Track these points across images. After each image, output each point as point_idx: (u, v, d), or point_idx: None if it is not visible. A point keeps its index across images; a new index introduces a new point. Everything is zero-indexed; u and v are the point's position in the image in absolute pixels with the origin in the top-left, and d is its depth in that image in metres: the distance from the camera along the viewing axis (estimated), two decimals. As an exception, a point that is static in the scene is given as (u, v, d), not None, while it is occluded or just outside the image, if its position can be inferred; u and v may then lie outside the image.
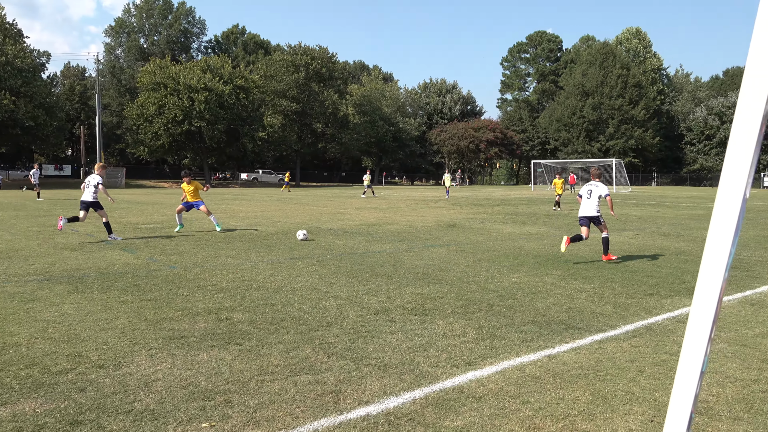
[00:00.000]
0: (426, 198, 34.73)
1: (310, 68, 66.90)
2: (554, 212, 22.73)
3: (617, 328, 5.88)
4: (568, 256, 10.68)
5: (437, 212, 22.13)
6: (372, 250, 11.36)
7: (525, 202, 31.29)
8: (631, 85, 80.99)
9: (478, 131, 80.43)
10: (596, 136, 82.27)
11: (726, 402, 4.04)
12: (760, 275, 9.07)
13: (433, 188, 61.57)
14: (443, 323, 5.94)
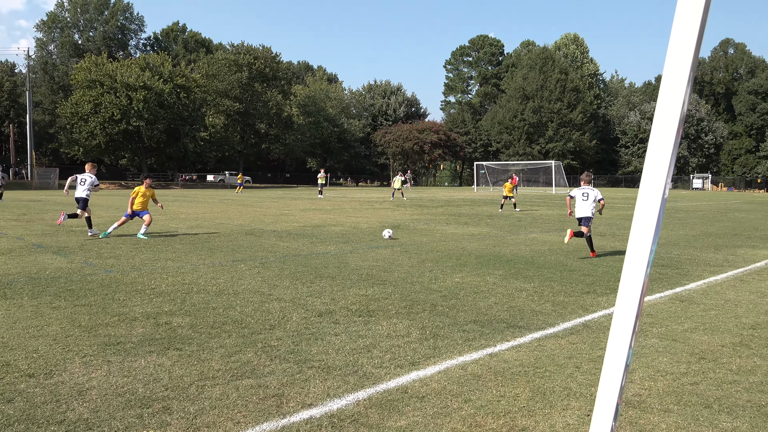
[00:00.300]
0: (371, 199, 34.81)
1: (254, 68, 66.02)
2: (499, 213, 23.31)
3: (556, 325, 6.04)
4: (509, 256, 10.91)
5: (382, 213, 22.20)
6: (316, 251, 11.30)
7: (468, 203, 31.77)
8: (570, 90, 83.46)
9: (423, 133, 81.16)
10: (536, 139, 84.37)
11: (657, 395, 4.21)
12: (689, 273, 9.50)
13: (378, 189, 61.78)
14: (387, 324, 5.97)
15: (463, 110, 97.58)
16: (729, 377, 4.59)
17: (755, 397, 4.20)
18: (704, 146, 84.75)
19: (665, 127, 0.98)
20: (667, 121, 0.97)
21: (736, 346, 5.42)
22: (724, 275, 9.36)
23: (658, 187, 1.03)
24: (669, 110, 0.97)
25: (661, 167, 1.00)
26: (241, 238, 13.27)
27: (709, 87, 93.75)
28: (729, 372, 4.71)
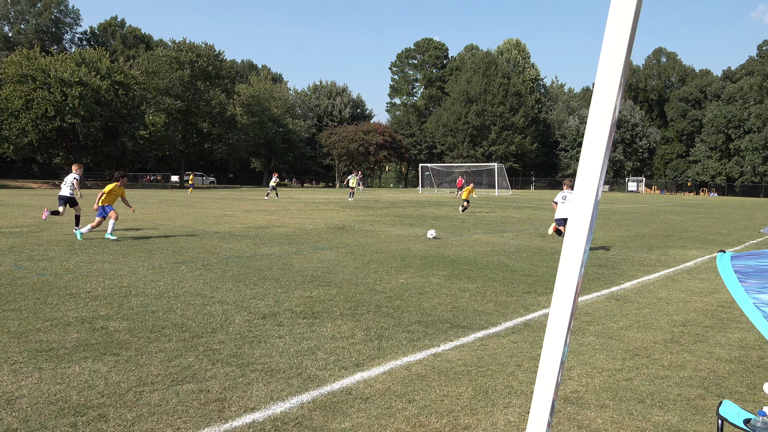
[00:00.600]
0: (316, 200, 34.62)
1: (196, 66, 64.61)
2: (462, 214, 23.69)
3: (498, 325, 6.16)
4: (453, 257, 11.05)
5: (327, 214, 22.12)
6: (260, 253, 11.15)
7: (413, 204, 32.02)
8: (512, 94, 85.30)
9: (368, 134, 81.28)
10: (480, 142, 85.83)
11: (594, 391, 4.35)
12: (624, 272, 9.85)
13: (323, 190, 61.48)
14: (332, 326, 5.94)
15: (409, 112, 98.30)
16: (661, 372, 4.78)
17: (685, 391, 4.39)
18: (639, 150, 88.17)
19: (598, 132, 1.01)
20: (599, 126, 1.01)
21: (668, 343, 5.66)
22: (657, 275, 9.75)
23: (591, 189, 1.06)
24: (601, 115, 1.00)
25: (594, 170, 1.04)
26: (182, 240, 12.97)
27: (644, 94, 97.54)
28: (661, 367, 4.91)
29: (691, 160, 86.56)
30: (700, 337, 5.91)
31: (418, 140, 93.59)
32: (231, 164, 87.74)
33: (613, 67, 0.95)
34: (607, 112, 0.99)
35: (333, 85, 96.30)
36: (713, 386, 4.52)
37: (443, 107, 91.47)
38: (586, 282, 8.82)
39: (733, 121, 78.75)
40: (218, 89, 67.40)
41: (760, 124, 74.60)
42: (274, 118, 78.14)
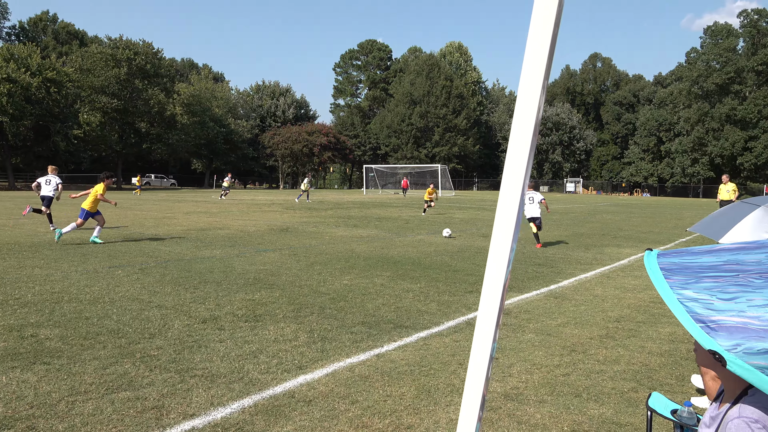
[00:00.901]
0: (259, 202, 34.15)
1: (133, 64, 62.69)
2: (423, 216, 23.94)
3: (441, 324, 6.23)
4: (396, 258, 11.11)
5: (270, 216, 21.86)
6: (201, 256, 10.92)
7: (357, 205, 32.02)
8: (455, 96, 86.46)
9: (312, 135, 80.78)
10: (423, 143, 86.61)
11: (533, 387, 4.45)
12: (563, 271, 10.13)
13: (267, 192, 60.70)
14: (274, 329, 5.88)
15: (353, 113, 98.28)
16: (596, 367, 4.94)
17: (619, 384, 4.55)
18: (576, 152, 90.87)
19: (522, 133, 1.04)
20: (523, 128, 1.03)
21: (603, 338, 5.85)
22: (593, 272, 10.07)
23: (517, 189, 1.09)
24: (525, 117, 1.03)
25: (519, 170, 1.06)
26: (118, 243, 12.56)
27: (581, 97, 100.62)
28: (596, 362, 5.07)
29: (626, 161, 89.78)
30: (633, 332, 6.14)
31: (363, 141, 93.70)
32: (171, 165, 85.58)
33: (536, 72, 0.98)
34: (530, 114, 1.02)
35: (276, 85, 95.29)
36: (645, 379, 4.70)
37: (387, 109, 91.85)
38: (526, 281, 9.03)
39: (664, 124, 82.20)
40: (157, 88, 65.65)
41: (688, 127, 78.12)
42: (215, 118, 76.71)
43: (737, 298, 1.39)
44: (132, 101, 63.88)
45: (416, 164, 75.32)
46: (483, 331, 1.15)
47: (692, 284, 1.47)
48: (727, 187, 19.34)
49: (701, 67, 77.47)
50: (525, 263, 10.88)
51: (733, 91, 75.12)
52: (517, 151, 1.07)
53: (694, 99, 78.78)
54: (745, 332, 1.31)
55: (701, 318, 1.38)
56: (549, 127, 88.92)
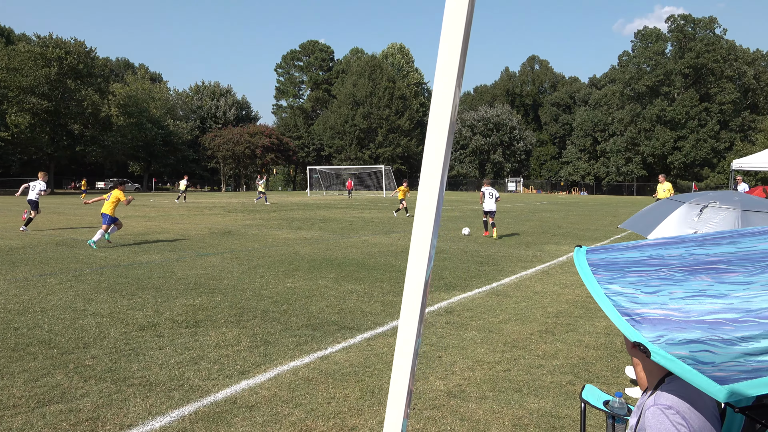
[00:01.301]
0: (200, 205, 33.45)
1: (65, 63, 60.32)
2: (395, 217, 24.18)
3: (385, 324, 6.25)
4: (340, 259, 11.09)
5: (212, 219, 21.45)
6: (139, 261, 10.61)
7: (301, 207, 31.80)
8: (397, 97, 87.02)
9: (254, 137, 79.71)
10: (367, 144, 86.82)
11: (475, 384, 4.52)
12: (504, 269, 10.34)
13: (208, 194, 59.49)
14: (216, 334, 5.77)
15: (295, 114, 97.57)
16: (536, 362, 5.06)
17: (557, 378, 4.67)
18: (516, 152, 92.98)
19: (437, 132, 1.06)
20: (438, 127, 1.05)
21: (542, 334, 6.00)
22: (533, 270, 10.32)
23: (434, 187, 1.11)
24: (440, 116, 1.05)
25: (436, 168, 1.08)
26: (50, 250, 12.07)
27: (520, 99, 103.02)
28: (536, 357, 5.20)
29: (564, 161, 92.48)
30: (571, 326, 6.32)
31: (306, 143, 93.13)
32: (107, 168, 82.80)
33: (449, 72, 1.00)
34: (445, 113, 1.04)
35: (216, 86, 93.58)
36: (582, 372, 4.84)
37: (330, 110, 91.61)
38: (468, 279, 9.17)
39: (599, 125, 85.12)
40: (91, 89, 63.38)
41: (622, 128, 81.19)
42: (153, 119, 74.69)
43: (660, 291, 1.45)
44: (64, 102, 61.47)
45: (360, 165, 75.37)
46: (406, 328, 1.17)
47: (618, 279, 1.52)
48: (663, 186, 20.14)
49: (632, 69, 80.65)
50: (468, 262, 11.05)
51: (662, 93, 78.53)
52: (433, 152, 1.10)
53: (626, 100, 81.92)
54: (668, 324, 1.37)
55: (627, 311, 1.44)
56: (490, 128, 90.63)
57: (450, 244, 13.87)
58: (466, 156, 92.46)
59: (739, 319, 1.34)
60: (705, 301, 1.39)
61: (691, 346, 1.33)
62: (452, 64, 1.01)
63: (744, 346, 1.31)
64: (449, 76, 1.00)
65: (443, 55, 1.01)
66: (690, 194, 3.80)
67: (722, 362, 1.32)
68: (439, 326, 6.24)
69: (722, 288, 1.41)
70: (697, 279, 1.45)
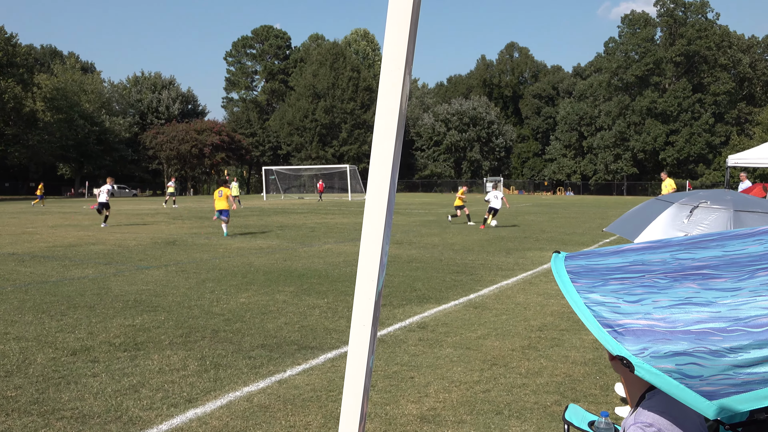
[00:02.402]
0: (141, 211, 32.99)
1: (-19, 51, 59.01)
2: (471, 225, 22.29)
3: (350, 343, 6.25)
4: (301, 270, 11.06)
5: (154, 228, 21.17)
6: (70, 276, 10.42)
7: (256, 212, 31.60)
8: (363, 89, 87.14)
9: (202, 134, 78.95)
10: (330, 141, 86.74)
11: (451, 406, 4.56)
12: (482, 278, 10.44)
13: (150, 199, 58.67)
14: (159, 357, 5.70)
15: (248, 108, 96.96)
16: (518, 381, 5.13)
17: (541, 398, 4.74)
18: (495, 149, 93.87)
19: (386, 127, 1.08)
20: (387, 121, 1.07)
21: (525, 349, 6.08)
22: (515, 279, 10.44)
23: (384, 187, 1.13)
24: (388, 109, 1.07)
25: (385, 166, 1.10)
26: (-34, 265, 11.77)
27: (498, 90, 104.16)
28: (518, 376, 5.26)
29: (547, 158, 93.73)
30: (557, 341, 6.41)
31: (261, 140, 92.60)
32: (32, 170, 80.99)
33: (396, 60, 1.02)
34: (393, 105, 1.06)
35: (158, 76, 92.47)
36: (569, 391, 4.92)
37: (288, 103, 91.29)
38: (443, 290, 9.23)
39: (585, 118, 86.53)
40: (12, 80, 62.03)
41: (609, 121, 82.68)
42: (86, 114, 73.38)
43: (643, 299, 1.49)
44: (-19, 96, 60.03)
45: (323, 165, 75.23)
46: (357, 345, 1.19)
47: (599, 287, 1.56)
48: (666, 183, 20.47)
49: (620, 58, 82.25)
50: (442, 271, 11.12)
51: (652, 83, 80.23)
52: (382, 148, 1.12)
53: (614, 91, 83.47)
54: (652, 335, 1.41)
55: (608, 322, 1.47)
56: (466, 123, 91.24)
57: (423, 252, 13.94)
58: (441, 154, 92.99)
59: (728, 328, 1.38)
60: (691, 310, 1.43)
61: (677, 359, 1.37)
62: (400, 50, 1.03)
63: (733, 357, 1.35)
64: (397, 62, 1.02)
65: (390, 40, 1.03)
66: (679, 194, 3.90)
67: (710, 375, 1.36)
68: (411, 343, 6.27)
69: (709, 295, 1.45)
70: (683, 286, 1.49)
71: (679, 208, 3.59)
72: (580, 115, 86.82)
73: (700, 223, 3.42)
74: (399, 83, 1.06)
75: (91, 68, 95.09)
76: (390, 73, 1.06)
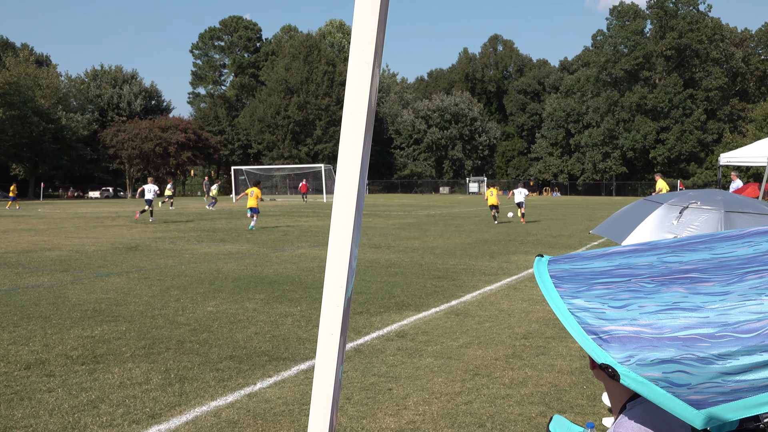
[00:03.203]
0: (101, 214, 32.66)
1: (-73, 42, 58.07)
2: (497, 223, 25.46)
3: (325, 353, 6.25)
4: (272, 277, 11.03)
5: (115, 232, 20.98)
6: (23, 284, 10.29)
7: (225, 215, 31.44)
8: (338, 84, 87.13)
9: (167, 132, 78.41)
10: (303, 139, 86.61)
11: (432, 419, 4.57)
12: (465, 284, 10.49)
13: (111, 202, 58.12)
14: (120, 371, 5.65)
15: (216, 104, 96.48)
16: (502, 392, 5.16)
17: (526, 409, 4.77)
18: (479, 148, 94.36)
19: (354, 124, 1.09)
20: (355, 118, 1.08)
21: (509, 358, 6.12)
22: (499, 284, 10.50)
23: (353, 188, 1.13)
24: (356, 106, 1.08)
25: (353, 166, 1.11)
26: None
27: (481, 85, 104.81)
28: (502, 386, 5.30)
29: (533, 157, 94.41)
30: (542, 349, 6.46)
31: (230, 138, 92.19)
32: (-19, 171, 79.89)
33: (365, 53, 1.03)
34: (362, 103, 1.07)
35: (119, 70, 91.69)
36: (554, 401, 4.96)
37: (258, 99, 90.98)
38: (423, 297, 9.26)
39: (572, 115, 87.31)
40: (-40, 74, 61.07)
41: (598, 118, 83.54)
42: (40, 111, 72.48)
43: (629, 305, 1.50)
44: (-74, 91, 59.06)
45: (296, 165, 75.06)
46: (326, 355, 1.19)
47: (583, 292, 1.57)
48: (658, 186, 20.78)
49: (608, 51, 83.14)
50: (422, 277, 11.15)
51: (642, 78, 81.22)
52: (349, 151, 1.12)
53: (602, 86, 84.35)
54: (638, 342, 1.43)
55: (593, 329, 1.49)
56: (447, 120, 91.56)
57: (402, 256, 13.97)
58: (421, 152, 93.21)
59: (716, 334, 1.40)
60: (679, 315, 1.45)
61: (664, 367, 1.39)
62: (368, 43, 1.04)
63: (721, 364, 1.37)
64: (365, 56, 1.02)
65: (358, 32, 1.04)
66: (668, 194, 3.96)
67: (698, 383, 1.38)
68: (389, 353, 6.28)
69: (697, 300, 1.47)
70: (670, 290, 1.51)
71: (668, 209, 3.64)
72: (567, 111, 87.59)
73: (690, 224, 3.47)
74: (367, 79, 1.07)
75: (47, 61, 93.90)
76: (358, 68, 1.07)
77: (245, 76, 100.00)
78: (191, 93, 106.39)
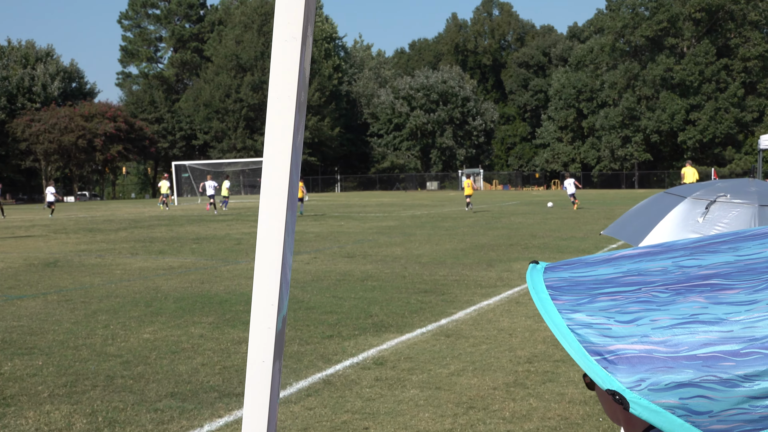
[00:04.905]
0: (10, 223, 32.37)
1: None
2: (467, 211, 29.48)
3: (287, 386, 6.26)
4: (223, 295, 11.00)
5: (29, 244, 20.82)
6: None
7: (165, 221, 31.28)
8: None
9: (91, 121, 77.91)
10: (260, 127, 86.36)
11: (417, 463, 4.59)
12: (457, 298, 10.53)
13: (23, 208, 57.59)
14: (35, 414, 5.63)
15: (152, 86, 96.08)
16: (501, 427, 5.19)
17: (531, 448, 4.81)
18: (473, 133, 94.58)
19: (281, 104, 1.10)
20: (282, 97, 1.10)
21: (510, 387, 6.15)
22: (498, 297, 10.56)
23: (282, 183, 1.15)
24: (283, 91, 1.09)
25: (282, 160, 1.12)
26: None
27: (474, 57, 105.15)
28: (501, 421, 5.33)
29: (539, 143, 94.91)
30: (550, 375, 6.51)
31: (170, 128, 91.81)
32: None
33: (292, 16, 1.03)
34: (290, 85, 1.08)
35: (30, 46, 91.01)
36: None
37: (204, 79, 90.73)
38: (407, 315, 9.28)
39: (584, 91, 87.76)
40: None
41: (615, 95, 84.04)
42: (-66, 98, 71.73)
43: (640, 319, 1.52)
44: None
45: (251, 158, 74.82)
46: (256, 387, 1.20)
47: (585, 305, 1.58)
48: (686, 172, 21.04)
49: (626, 15, 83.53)
50: (406, 291, 11.18)
51: (667, 47, 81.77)
52: (276, 142, 1.13)
53: (619, 57, 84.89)
54: (650, 363, 1.44)
55: (597, 349, 1.50)
56: (434, 100, 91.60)
57: (381, 267, 13.99)
58: (403, 140, 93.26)
59: (741, 351, 1.42)
60: (698, 330, 1.46)
61: (681, 392, 1.40)
62: (295, 9, 1.04)
63: (748, 387, 1.39)
64: (292, 29, 1.03)
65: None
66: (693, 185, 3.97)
67: (722, 410, 1.40)
68: (365, 384, 6.29)
69: (719, 311, 1.49)
70: (687, 300, 1.53)
71: (692, 203, 3.65)
72: (578, 87, 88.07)
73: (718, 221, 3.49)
74: (296, 58, 1.08)
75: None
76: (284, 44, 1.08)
77: (187, 51, 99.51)
78: (120, 73, 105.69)
